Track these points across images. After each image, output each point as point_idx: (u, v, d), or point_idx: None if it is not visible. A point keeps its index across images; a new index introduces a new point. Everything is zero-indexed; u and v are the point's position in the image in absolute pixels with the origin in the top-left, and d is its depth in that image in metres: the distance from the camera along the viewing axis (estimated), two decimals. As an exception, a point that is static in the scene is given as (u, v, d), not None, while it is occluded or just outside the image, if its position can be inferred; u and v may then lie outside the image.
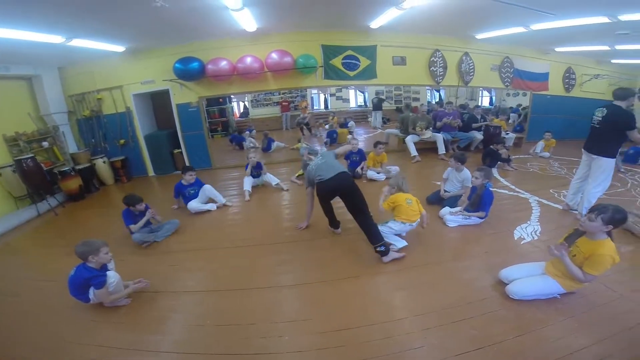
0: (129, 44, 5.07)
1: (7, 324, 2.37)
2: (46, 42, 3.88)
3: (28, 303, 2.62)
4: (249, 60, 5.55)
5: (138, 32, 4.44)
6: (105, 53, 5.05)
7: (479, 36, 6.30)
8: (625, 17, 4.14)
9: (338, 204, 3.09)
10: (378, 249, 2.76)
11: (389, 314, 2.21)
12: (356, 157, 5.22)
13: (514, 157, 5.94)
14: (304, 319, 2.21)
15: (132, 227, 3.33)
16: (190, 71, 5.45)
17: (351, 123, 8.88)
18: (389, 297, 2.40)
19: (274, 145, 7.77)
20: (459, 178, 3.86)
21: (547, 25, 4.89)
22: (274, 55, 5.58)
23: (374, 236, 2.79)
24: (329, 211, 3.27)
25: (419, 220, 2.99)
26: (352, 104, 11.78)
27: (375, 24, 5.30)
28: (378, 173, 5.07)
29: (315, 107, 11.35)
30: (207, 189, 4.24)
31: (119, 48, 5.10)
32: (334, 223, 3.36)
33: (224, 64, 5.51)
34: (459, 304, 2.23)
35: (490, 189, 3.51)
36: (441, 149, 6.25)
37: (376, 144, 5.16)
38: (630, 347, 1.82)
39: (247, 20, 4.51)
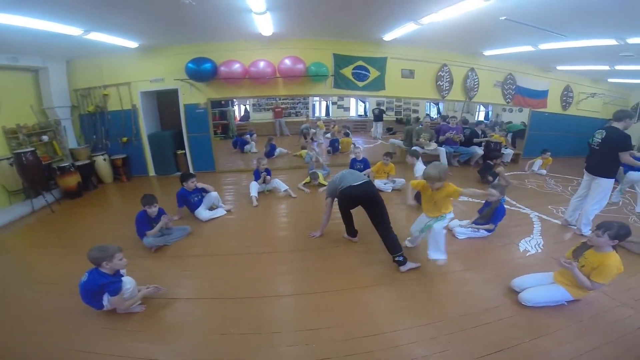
0: (143, 41, 4.98)
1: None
2: (63, 34, 3.75)
3: (26, 308, 2.44)
4: (262, 64, 5.53)
5: (156, 28, 4.36)
6: (116, 48, 4.94)
7: (487, 53, 6.45)
8: (633, 40, 4.28)
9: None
10: (396, 258, 2.81)
11: (410, 321, 2.26)
12: (360, 166, 5.27)
13: (510, 173, 6.10)
14: (327, 326, 2.19)
15: (149, 232, 3.21)
16: (202, 72, 5.39)
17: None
18: (406, 306, 2.44)
19: (277, 151, 7.70)
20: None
21: (555, 45, 5.00)
22: (287, 61, 5.58)
23: (393, 246, 2.85)
24: (348, 219, 3.29)
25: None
26: (353, 113, 11.84)
27: (389, 36, 5.37)
28: (385, 184, 5.09)
29: (315, 115, 11.32)
30: (214, 197, 4.16)
31: (133, 44, 5.02)
32: (351, 231, 3.37)
33: (236, 66, 5.47)
34: (475, 310, 2.35)
35: (505, 204, 3.62)
36: (443, 162, 6.33)
37: (385, 154, 5.19)
38: (635, 347, 2.02)
39: (266, 24, 4.50)
